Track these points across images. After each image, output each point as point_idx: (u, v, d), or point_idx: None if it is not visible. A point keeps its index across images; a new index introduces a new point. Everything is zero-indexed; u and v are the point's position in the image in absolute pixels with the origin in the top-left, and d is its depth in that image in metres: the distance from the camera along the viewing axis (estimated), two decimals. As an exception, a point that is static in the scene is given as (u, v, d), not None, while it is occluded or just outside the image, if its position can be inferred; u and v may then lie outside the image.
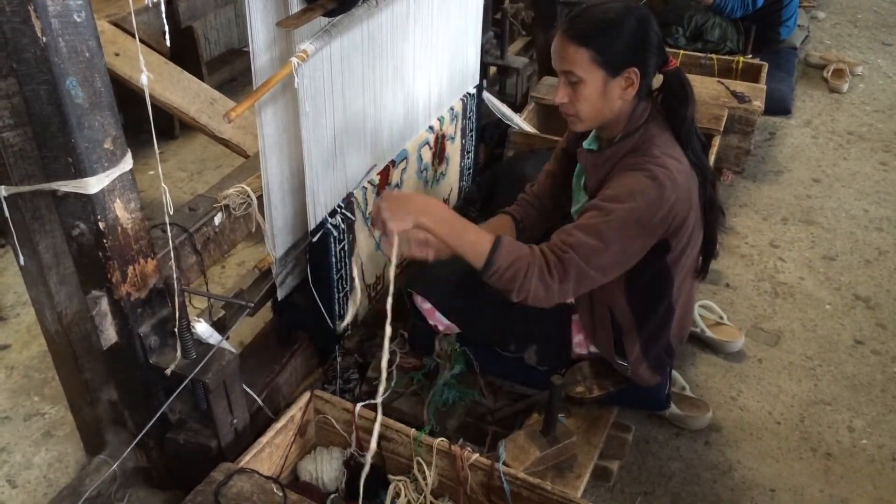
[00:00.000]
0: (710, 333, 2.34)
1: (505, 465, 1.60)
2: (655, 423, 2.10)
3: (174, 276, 1.46)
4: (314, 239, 1.72)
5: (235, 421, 1.63)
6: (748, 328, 2.44)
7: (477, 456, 1.61)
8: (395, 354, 1.99)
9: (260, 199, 1.71)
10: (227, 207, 1.77)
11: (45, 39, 1.13)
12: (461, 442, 1.73)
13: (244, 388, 1.65)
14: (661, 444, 2.05)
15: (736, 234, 2.91)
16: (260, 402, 1.76)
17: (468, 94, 2.35)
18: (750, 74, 3.36)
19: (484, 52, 2.52)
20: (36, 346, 2.31)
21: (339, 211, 1.77)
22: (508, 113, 2.80)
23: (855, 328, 2.47)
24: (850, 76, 4.10)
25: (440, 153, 2.25)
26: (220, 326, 1.65)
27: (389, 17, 1.78)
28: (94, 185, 1.27)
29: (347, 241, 1.81)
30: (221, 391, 1.55)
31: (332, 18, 1.54)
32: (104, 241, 1.33)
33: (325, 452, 1.77)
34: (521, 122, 2.82)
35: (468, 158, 2.51)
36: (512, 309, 1.65)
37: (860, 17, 5.02)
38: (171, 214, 1.42)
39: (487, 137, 2.76)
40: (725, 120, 2.86)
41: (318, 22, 1.52)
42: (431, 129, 2.16)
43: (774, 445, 2.06)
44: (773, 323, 2.48)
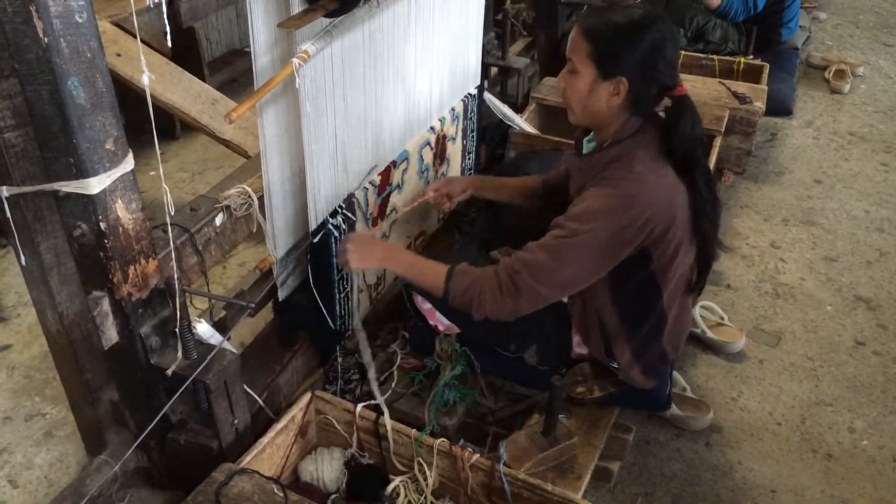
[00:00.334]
0: (710, 334, 2.34)
1: (505, 465, 1.60)
2: (656, 423, 2.10)
3: (175, 276, 1.46)
4: (315, 239, 1.72)
5: (236, 421, 1.63)
6: (749, 329, 2.44)
7: (478, 456, 1.61)
8: (395, 355, 2.00)
9: (261, 199, 1.71)
10: (228, 208, 1.77)
11: (46, 40, 1.13)
12: (462, 442, 1.73)
13: (245, 388, 1.65)
14: (661, 444, 2.05)
15: (737, 234, 2.91)
16: (261, 402, 1.76)
17: (469, 94, 2.35)
18: (751, 75, 3.35)
19: (485, 52, 2.51)
20: (37, 346, 2.31)
21: (340, 211, 1.77)
22: (509, 113, 2.80)
23: (856, 329, 2.46)
24: (851, 77, 4.09)
25: (441, 154, 2.25)
26: (221, 327, 1.66)
27: (390, 17, 1.78)
28: (95, 185, 1.27)
29: (348, 241, 1.81)
30: (222, 392, 1.56)
31: (333, 19, 1.54)
32: (105, 241, 1.34)
33: (325, 453, 1.77)
34: (522, 122, 2.82)
35: (469, 159, 2.51)
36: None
37: (861, 18, 5.01)
38: (172, 215, 1.42)
39: (488, 138, 2.75)
40: (726, 121, 2.86)
41: (319, 23, 1.52)
42: (432, 129, 2.16)
43: (775, 446, 2.06)
44: (773, 324, 2.48)
